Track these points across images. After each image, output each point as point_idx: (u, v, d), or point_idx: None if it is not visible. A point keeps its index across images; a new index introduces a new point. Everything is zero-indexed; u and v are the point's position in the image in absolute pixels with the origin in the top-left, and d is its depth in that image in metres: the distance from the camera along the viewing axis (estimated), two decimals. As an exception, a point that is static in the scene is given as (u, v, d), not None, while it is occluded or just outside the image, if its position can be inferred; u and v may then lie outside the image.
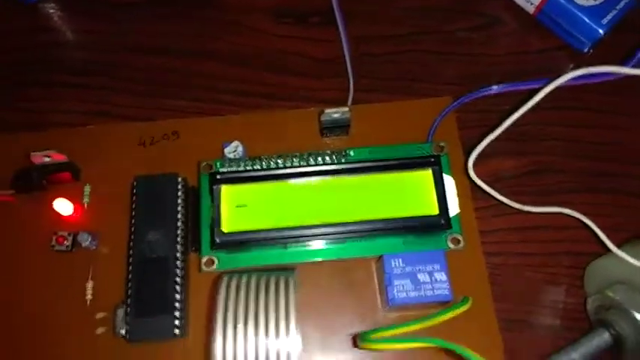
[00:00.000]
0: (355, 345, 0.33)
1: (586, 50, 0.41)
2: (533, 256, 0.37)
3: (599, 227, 0.34)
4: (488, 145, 0.35)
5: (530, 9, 0.42)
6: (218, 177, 0.34)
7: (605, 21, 0.39)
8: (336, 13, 0.42)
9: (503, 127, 0.33)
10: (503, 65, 0.42)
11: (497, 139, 0.35)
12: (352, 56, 0.41)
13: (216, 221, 0.33)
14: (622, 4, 0.40)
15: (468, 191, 0.37)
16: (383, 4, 0.44)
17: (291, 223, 0.33)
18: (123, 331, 0.33)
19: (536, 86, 0.33)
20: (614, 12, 0.39)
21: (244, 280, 0.30)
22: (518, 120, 0.34)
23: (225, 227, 0.33)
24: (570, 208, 0.35)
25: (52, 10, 0.44)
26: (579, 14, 0.40)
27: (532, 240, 0.37)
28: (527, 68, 0.41)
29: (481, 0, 0.44)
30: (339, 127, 0.37)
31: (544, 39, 0.42)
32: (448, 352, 0.28)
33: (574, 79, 0.32)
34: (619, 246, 0.33)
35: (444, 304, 0.33)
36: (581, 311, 0.35)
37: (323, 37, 0.42)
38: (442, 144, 0.36)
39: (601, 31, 0.39)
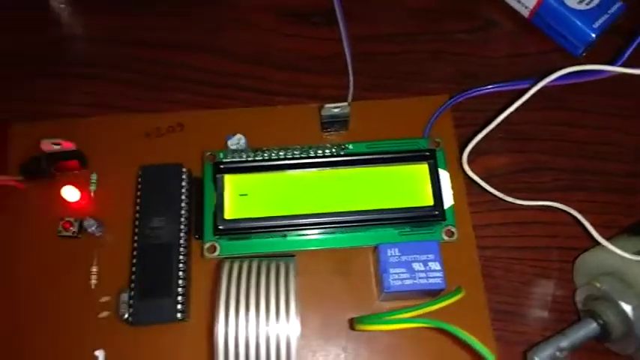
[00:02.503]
0: (351, 328, 0.34)
1: (579, 53, 0.42)
2: (525, 249, 0.38)
3: (588, 222, 0.35)
4: (483, 142, 0.36)
5: (525, 12, 0.44)
6: (222, 166, 0.35)
7: (596, 25, 0.41)
8: (337, 12, 0.43)
9: (496, 122, 0.35)
10: (498, 67, 0.43)
11: (492, 137, 0.36)
12: (353, 55, 0.42)
13: (218, 208, 0.34)
14: (614, 8, 0.41)
15: (463, 187, 0.38)
16: (383, 4, 0.45)
17: (291, 212, 0.35)
18: (126, 315, 0.34)
19: (526, 86, 0.34)
20: (606, 16, 0.41)
21: (245, 265, 0.31)
22: (513, 119, 0.36)
23: (228, 214, 0.34)
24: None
25: (62, 5, 0.45)
26: (572, 18, 0.41)
27: (524, 234, 0.38)
28: (522, 70, 0.42)
29: (477, 3, 0.45)
30: (339, 122, 0.39)
31: (539, 42, 0.44)
32: (435, 331, 0.29)
33: (565, 78, 0.33)
34: (607, 240, 0.34)
35: (437, 294, 0.34)
36: (570, 304, 0.36)
37: (324, 36, 0.44)
38: (438, 139, 0.37)
39: (593, 34, 0.41)
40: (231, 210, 0.34)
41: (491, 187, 0.37)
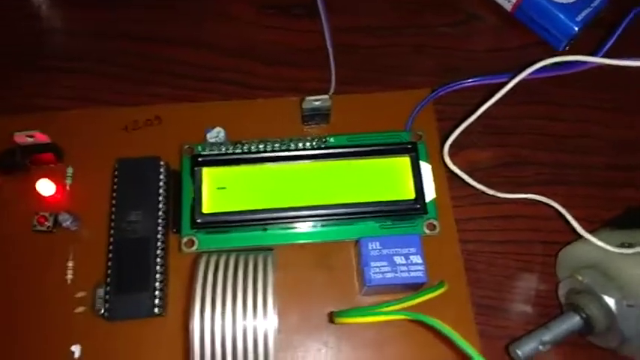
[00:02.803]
0: (331, 321, 0.34)
1: (562, 46, 0.42)
2: (508, 243, 0.38)
3: (571, 215, 0.35)
4: (465, 136, 0.36)
5: (508, 6, 0.43)
6: (200, 159, 0.34)
7: (579, 18, 0.40)
8: (318, 4, 0.43)
9: (475, 116, 0.34)
10: (481, 61, 0.43)
11: (473, 131, 0.36)
12: (334, 47, 0.42)
13: (196, 202, 0.34)
14: (597, 1, 0.41)
15: (445, 180, 0.38)
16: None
17: (271, 205, 0.34)
18: (102, 310, 0.33)
19: (508, 79, 0.34)
20: (589, 9, 0.41)
21: (222, 259, 0.31)
22: (494, 113, 0.35)
23: (206, 208, 0.34)
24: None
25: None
26: (555, 11, 0.41)
27: (507, 228, 0.38)
28: (505, 64, 0.42)
29: (460, -4, 0.45)
30: (320, 115, 0.38)
31: (521, 36, 0.43)
32: (417, 325, 0.29)
33: (545, 71, 0.33)
34: (589, 233, 0.34)
35: (419, 287, 0.34)
36: (553, 298, 0.36)
37: (306, 28, 0.43)
38: (420, 132, 0.36)
39: (576, 27, 0.40)
40: (210, 203, 0.34)
41: (474, 180, 0.37)
